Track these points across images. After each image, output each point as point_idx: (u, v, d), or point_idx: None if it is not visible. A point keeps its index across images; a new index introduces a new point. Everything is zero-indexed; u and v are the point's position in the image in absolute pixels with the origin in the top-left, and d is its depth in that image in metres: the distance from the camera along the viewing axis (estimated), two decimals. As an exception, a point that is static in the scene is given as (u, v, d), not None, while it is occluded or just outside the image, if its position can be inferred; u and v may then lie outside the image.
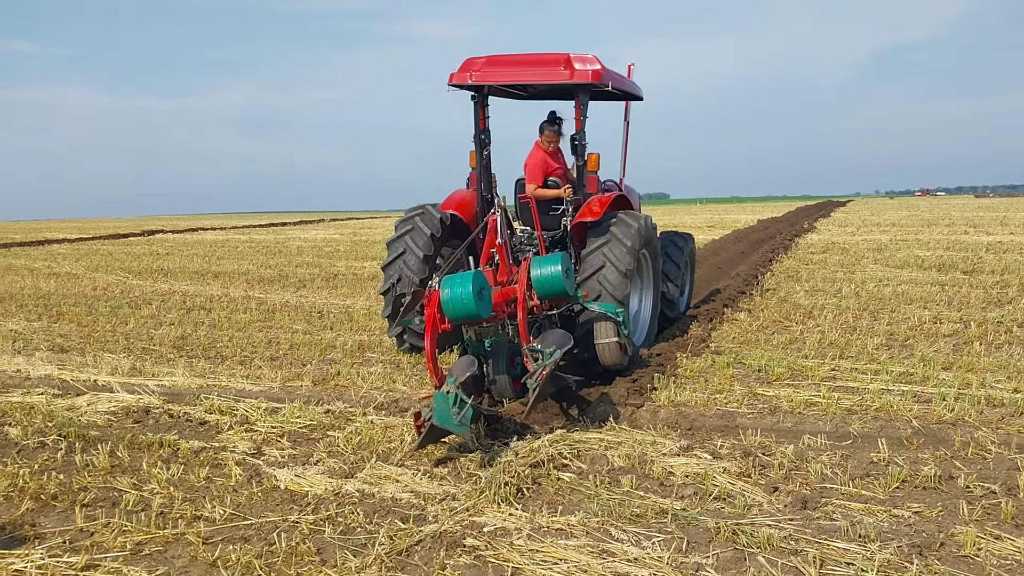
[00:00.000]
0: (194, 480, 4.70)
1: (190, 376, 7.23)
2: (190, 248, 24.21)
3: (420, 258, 7.52)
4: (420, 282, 7.44)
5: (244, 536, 3.96)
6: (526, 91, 8.54)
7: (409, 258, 7.56)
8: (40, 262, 19.65)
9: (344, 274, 15.67)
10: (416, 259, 7.53)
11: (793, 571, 3.53)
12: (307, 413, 5.95)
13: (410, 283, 7.29)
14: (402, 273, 7.52)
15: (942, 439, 5.23)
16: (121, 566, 3.61)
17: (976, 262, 14.94)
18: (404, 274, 7.51)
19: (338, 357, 8.04)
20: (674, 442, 5.21)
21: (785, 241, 21.11)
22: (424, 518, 4.14)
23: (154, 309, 11.32)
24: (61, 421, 5.78)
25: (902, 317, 9.50)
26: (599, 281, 6.96)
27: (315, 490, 4.53)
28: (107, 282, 14.94)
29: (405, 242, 7.65)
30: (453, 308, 5.31)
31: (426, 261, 7.54)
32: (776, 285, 12.43)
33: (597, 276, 6.98)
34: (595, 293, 6.90)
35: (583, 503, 4.30)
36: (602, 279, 6.95)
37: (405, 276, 7.49)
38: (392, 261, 7.68)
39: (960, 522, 4.00)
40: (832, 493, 4.39)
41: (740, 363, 7.27)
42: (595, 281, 6.98)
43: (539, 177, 7.75)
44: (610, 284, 6.92)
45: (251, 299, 12.27)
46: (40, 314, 11.01)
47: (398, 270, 7.58)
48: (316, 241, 26.83)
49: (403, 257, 7.61)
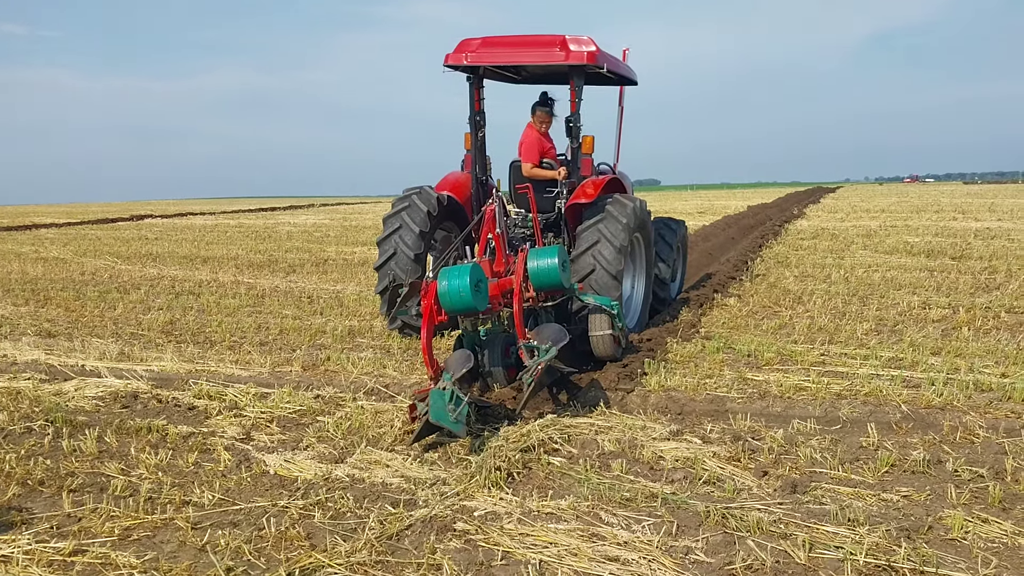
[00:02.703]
0: (183, 465, 4.68)
1: (179, 361, 7.19)
2: (179, 233, 24.05)
3: (416, 234, 7.51)
4: (414, 257, 7.45)
5: (233, 521, 3.94)
6: (521, 74, 8.51)
7: (405, 234, 7.55)
8: (28, 247, 19.48)
9: (334, 259, 15.61)
10: (412, 235, 7.52)
11: (782, 555, 3.54)
12: (297, 398, 5.93)
13: (403, 275, 7.29)
14: (397, 248, 7.52)
15: (931, 424, 5.26)
16: (109, 551, 3.59)
17: (964, 248, 15.02)
18: (399, 249, 7.50)
19: (328, 342, 8.01)
20: (664, 427, 5.22)
21: (775, 227, 21.15)
22: (414, 503, 4.13)
23: (142, 294, 11.24)
24: (48, 406, 5.74)
25: (891, 303, 9.53)
26: (593, 256, 6.95)
27: (305, 475, 4.51)
28: (95, 267, 14.82)
29: (401, 218, 7.64)
30: (450, 300, 5.31)
31: (422, 238, 7.53)
32: (766, 271, 12.46)
33: (592, 251, 6.97)
34: (589, 268, 6.90)
35: (573, 487, 4.30)
36: (597, 254, 6.94)
37: (400, 251, 7.48)
38: (388, 236, 7.66)
39: (948, 506, 4.02)
40: (821, 477, 4.40)
41: (730, 348, 7.28)
42: (590, 256, 6.97)
43: (535, 156, 7.75)
44: (605, 259, 6.91)
45: (240, 284, 12.21)
46: (27, 299, 10.92)
47: (394, 245, 7.57)
48: (306, 226, 26.70)
49: (399, 232, 7.59)
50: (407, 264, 7.50)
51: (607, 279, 6.94)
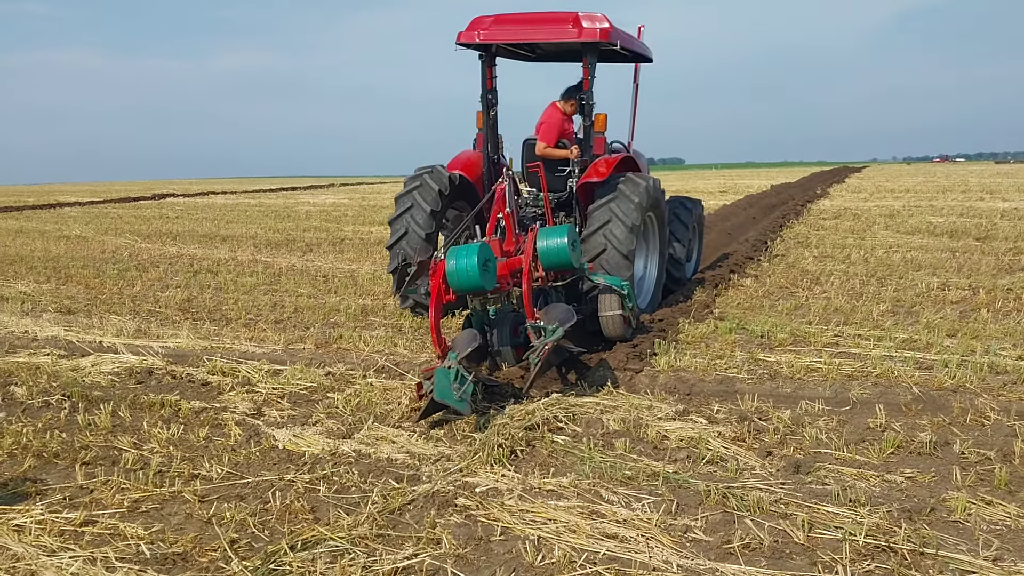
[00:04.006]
0: (193, 440, 4.76)
1: (194, 338, 7.29)
2: (200, 212, 24.27)
3: (427, 213, 7.52)
4: (426, 236, 7.46)
5: (240, 494, 4.01)
6: (534, 52, 8.46)
7: (416, 213, 7.57)
8: (51, 225, 19.78)
9: (351, 239, 15.68)
10: (424, 214, 7.53)
11: (781, 534, 3.54)
12: (308, 375, 6.00)
13: (415, 253, 7.31)
14: (409, 227, 7.53)
15: (941, 405, 5.21)
16: (118, 522, 3.67)
17: (990, 228, 14.77)
18: (410, 228, 7.51)
19: (341, 321, 8.08)
20: (671, 407, 5.21)
21: (797, 207, 20.90)
22: (418, 478, 4.18)
23: (161, 272, 11.39)
24: (66, 381, 5.86)
25: (910, 283, 9.42)
26: (605, 235, 6.92)
27: (312, 450, 4.58)
28: (116, 245, 15.02)
29: (413, 197, 7.65)
30: (458, 279, 5.30)
31: (433, 217, 7.55)
32: (785, 251, 12.34)
33: (603, 231, 6.93)
34: (600, 248, 6.87)
35: (575, 465, 4.32)
36: (608, 233, 6.90)
37: (412, 231, 7.49)
38: (399, 216, 7.68)
39: (952, 487, 3.99)
40: (826, 458, 4.39)
41: (743, 329, 7.24)
42: (601, 235, 6.94)
43: (553, 137, 7.73)
44: (616, 239, 6.87)
45: (258, 263, 12.32)
46: (49, 276, 11.10)
47: (405, 224, 7.59)
48: (325, 206, 26.82)
49: (410, 212, 7.61)
50: (419, 243, 7.51)
51: (618, 259, 6.91)
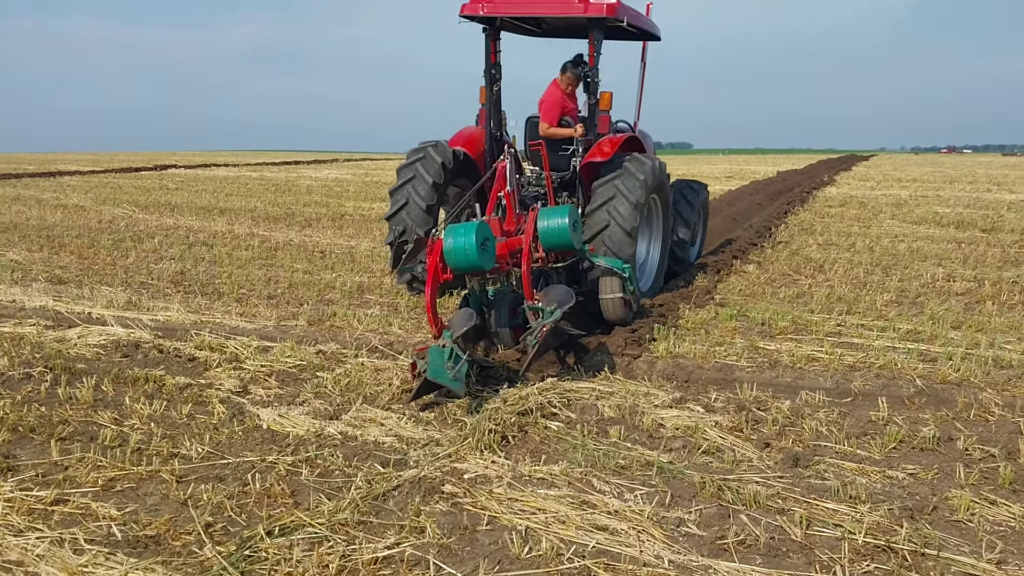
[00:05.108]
0: (176, 417, 4.63)
1: (185, 312, 7.15)
2: (200, 184, 24.05)
3: (429, 185, 7.37)
4: (427, 208, 7.31)
5: (219, 476, 3.89)
6: (539, 27, 8.25)
7: (418, 184, 7.42)
8: (49, 193, 19.59)
9: (351, 214, 15.50)
10: (426, 186, 7.38)
11: (777, 530, 3.42)
12: (298, 353, 5.86)
13: (413, 229, 7.16)
14: (410, 197, 7.38)
15: (945, 399, 5.07)
16: (90, 502, 3.55)
17: (996, 220, 14.57)
18: (411, 199, 7.36)
19: (336, 298, 7.93)
20: (668, 394, 5.08)
21: (803, 193, 20.68)
22: (405, 463, 4.05)
23: (156, 243, 11.23)
24: (49, 353, 5.73)
25: (915, 274, 9.26)
26: (608, 211, 6.79)
27: (297, 431, 4.45)
28: (113, 215, 14.85)
29: (415, 168, 7.50)
30: (456, 258, 5.19)
31: (435, 189, 7.40)
32: (789, 238, 12.17)
33: (607, 206, 6.80)
34: (603, 223, 6.74)
35: (567, 453, 4.19)
36: (612, 210, 6.77)
37: (412, 201, 7.34)
38: (401, 186, 7.53)
39: (955, 485, 3.87)
40: (825, 451, 4.26)
41: (744, 316, 7.09)
42: (604, 211, 6.81)
43: (555, 116, 7.56)
44: (620, 215, 6.74)
45: (255, 236, 12.15)
46: (42, 245, 10.95)
47: (406, 194, 7.44)
48: (327, 180, 26.60)
49: (412, 183, 7.46)
50: (419, 214, 7.37)
51: (621, 236, 6.76)
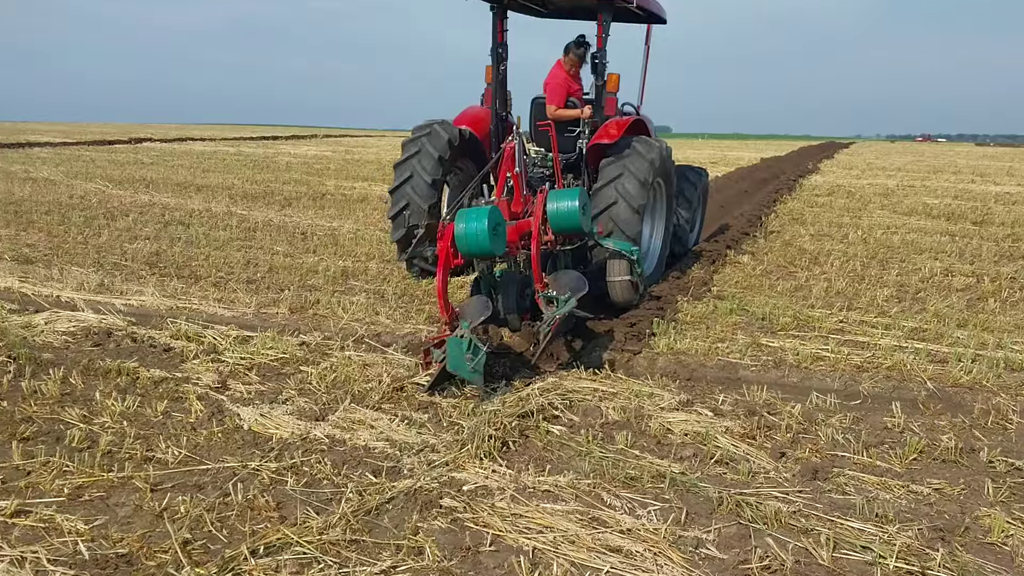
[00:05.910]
0: (150, 415, 4.30)
1: (160, 296, 6.79)
2: (176, 159, 23.42)
3: (435, 160, 7.12)
4: (431, 183, 7.05)
5: (198, 483, 3.57)
6: (547, 7, 7.95)
7: (424, 158, 7.15)
8: (17, 165, 18.92)
9: (332, 194, 15.08)
10: (431, 160, 7.13)
11: (803, 553, 3.18)
12: (280, 344, 5.54)
13: (418, 199, 6.98)
14: (415, 171, 7.09)
15: (959, 404, 4.88)
16: (55, 513, 3.23)
17: (986, 213, 14.48)
18: (416, 172, 7.08)
19: (319, 283, 7.59)
20: (673, 395, 4.83)
21: (789, 181, 20.53)
22: (398, 471, 3.76)
23: (130, 221, 10.78)
24: (13, 340, 5.35)
25: (912, 268, 9.09)
26: (616, 188, 6.63)
27: (281, 433, 4.14)
28: (85, 190, 14.32)
29: (421, 143, 7.21)
30: (467, 244, 5.03)
31: (440, 164, 7.13)
32: (780, 227, 11.97)
33: (615, 183, 6.64)
34: (610, 200, 6.57)
35: (573, 461, 3.93)
36: (620, 187, 6.61)
37: (417, 175, 7.07)
38: (406, 160, 7.25)
39: (985, 503, 3.65)
40: (844, 462, 4.03)
41: (743, 310, 6.87)
42: (612, 188, 6.65)
43: (561, 98, 7.34)
44: (627, 192, 6.58)
45: (233, 215, 11.73)
46: (9, 221, 10.46)
47: (411, 168, 7.18)
48: (306, 157, 26.04)
49: (417, 157, 7.19)
50: (423, 188, 7.09)
51: (628, 213, 6.56)
